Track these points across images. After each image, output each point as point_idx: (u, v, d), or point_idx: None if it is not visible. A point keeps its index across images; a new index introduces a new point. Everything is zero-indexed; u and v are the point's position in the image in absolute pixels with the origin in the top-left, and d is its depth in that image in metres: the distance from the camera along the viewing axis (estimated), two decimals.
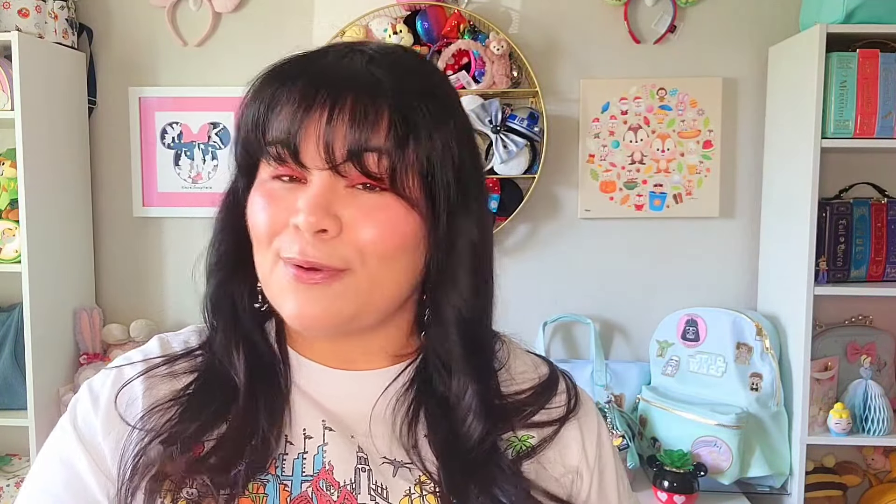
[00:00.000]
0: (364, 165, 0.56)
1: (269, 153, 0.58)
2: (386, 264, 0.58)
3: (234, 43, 2.22)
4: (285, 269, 0.58)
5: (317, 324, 0.58)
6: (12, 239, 1.98)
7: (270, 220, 0.58)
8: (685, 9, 2.15)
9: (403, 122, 0.56)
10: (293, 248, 0.57)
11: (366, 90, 0.56)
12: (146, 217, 2.25)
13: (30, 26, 2.00)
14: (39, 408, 1.98)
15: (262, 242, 0.60)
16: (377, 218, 0.57)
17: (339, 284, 0.57)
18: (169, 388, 0.64)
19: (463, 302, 0.63)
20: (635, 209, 2.18)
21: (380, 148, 0.56)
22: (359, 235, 0.57)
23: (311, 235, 0.56)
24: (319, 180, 0.57)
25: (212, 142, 2.22)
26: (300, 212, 0.56)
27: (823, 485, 2.09)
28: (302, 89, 0.57)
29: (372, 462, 0.62)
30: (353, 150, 0.56)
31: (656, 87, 2.15)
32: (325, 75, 0.58)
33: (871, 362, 1.98)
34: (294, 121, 0.56)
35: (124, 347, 2.18)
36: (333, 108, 0.56)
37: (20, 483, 2.09)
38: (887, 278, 1.99)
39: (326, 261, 0.57)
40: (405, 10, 2.13)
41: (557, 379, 0.71)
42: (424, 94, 0.59)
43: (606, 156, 2.17)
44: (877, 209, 1.99)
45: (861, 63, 1.83)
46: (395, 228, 0.58)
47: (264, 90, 0.60)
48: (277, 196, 0.59)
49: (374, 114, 0.56)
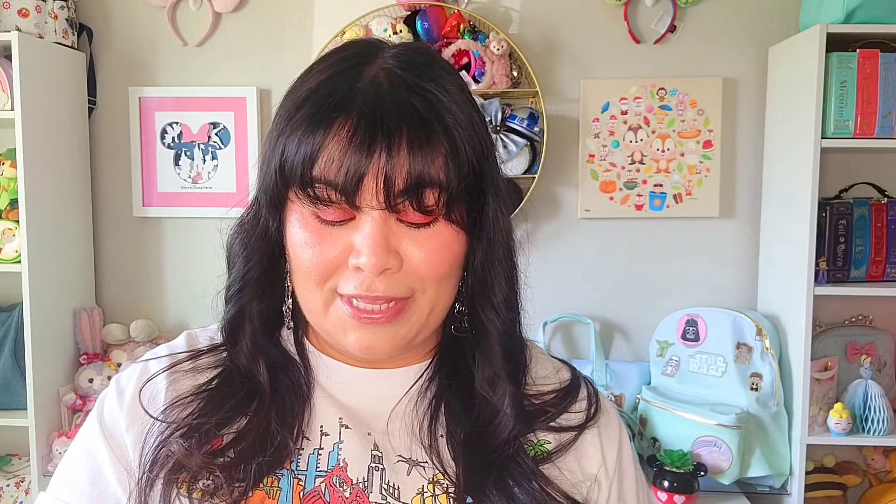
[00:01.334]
0: (423, 204, 0.56)
1: (316, 194, 0.56)
2: (441, 286, 0.60)
3: (234, 43, 2.22)
4: (344, 308, 0.58)
5: (380, 352, 0.60)
6: (12, 239, 1.98)
7: (323, 260, 0.58)
8: (685, 9, 2.15)
9: (456, 154, 0.56)
10: (355, 286, 0.57)
11: (420, 125, 0.55)
12: (146, 217, 2.25)
13: (30, 26, 2.00)
14: (39, 408, 1.98)
15: (314, 281, 0.59)
16: (431, 246, 0.58)
17: (398, 318, 0.59)
18: (192, 383, 0.65)
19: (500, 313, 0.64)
20: (635, 209, 2.18)
21: (440, 183, 0.56)
22: (418, 266, 0.58)
23: (375, 273, 0.56)
24: (376, 220, 0.56)
25: (212, 142, 2.22)
26: (360, 253, 0.56)
27: (823, 485, 2.09)
28: (356, 125, 0.55)
29: (386, 460, 0.63)
30: (411, 187, 0.55)
31: (656, 87, 2.15)
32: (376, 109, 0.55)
33: (871, 362, 1.98)
34: (351, 164, 0.54)
35: (124, 347, 2.18)
36: (391, 147, 0.54)
37: (20, 483, 2.09)
38: (887, 278, 1.99)
39: (394, 292, 0.57)
40: (405, 10, 2.13)
41: (579, 385, 0.70)
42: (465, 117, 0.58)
43: (606, 156, 2.17)
44: (877, 209, 1.99)
45: (861, 63, 1.83)
46: (448, 253, 0.59)
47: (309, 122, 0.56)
48: (325, 234, 0.57)
49: (431, 150, 0.55)
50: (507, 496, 0.60)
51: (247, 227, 0.65)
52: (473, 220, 0.61)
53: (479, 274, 0.63)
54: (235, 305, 0.66)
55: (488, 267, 0.63)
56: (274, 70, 2.21)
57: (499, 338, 0.64)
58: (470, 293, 0.64)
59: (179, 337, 0.71)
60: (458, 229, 0.59)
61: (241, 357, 0.65)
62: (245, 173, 2.21)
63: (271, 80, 2.21)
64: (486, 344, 0.65)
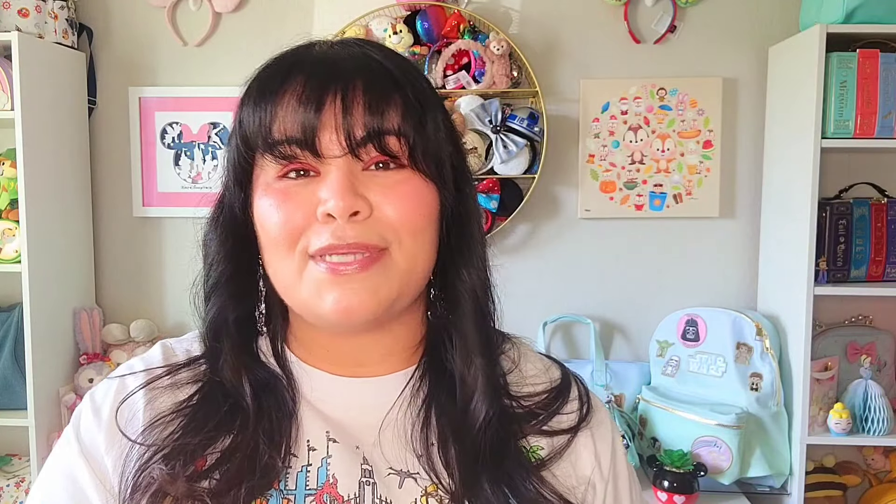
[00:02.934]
0: (385, 146, 0.57)
1: (278, 152, 0.57)
2: (418, 239, 0.59)
3: (234, 43, 2.22)
4: (318, 267, 0.57)
5: (360, 313, 0.57)
6: (12, 239, 1.98)
7: (290, 218, 0.57)
8: (685, 9, 2.15)
9: (417, 103, 0.58)
10: (325, 238, 0.56)
11: (375, 74, 0.58)
12: (146, 217, 2.25)
13: (30, 26, 2.00)
14: (39, 408, 1.98)
15: (284, 244, 0.58)
16: (401, 192, 0.58)
17: (376, 268, 0.57)
18: (171, 400, 0.62)
19: (476, 275, 0.64)
20: (635, 209, 2.18)
21: (398, 129, 0.57)
22: (388, 212, 0.57)
23: (344, 220, 0.55)
24: (340, 166, 0.56)
25: (212, 142, 2.22)
26: (328, 199, 0.55)
27: (823, 485, 2.09)
28: (308, 81, 0.57)
29: (377, 474, 0.61)
30: (372, 132, 0.56)
31: (656, 87, 2.15)
32: (328, 64, 0.58)
33: (872, 362, 1.98)
34: (307, 115, 0.56)
35: (124, 347, 2.18)
36: (346, 96, 0.56)
37: (20, 483, 2.09)
38: (887, 278, 1.99)
39: (367, 239, 0.56)
40: (405, 10, 2.13)
41: (570, 384, 0.69)
42: (420, 78, 0.62)
43: (606, 156, 2.17)
44: (877, 209, 1.99)
45: (861, 63, 1.83)
46: (419, 201, 0.59)
47: (263, 90, 0.59)
48: (291, 193, 0.57)
49: (388, 97, 0.57)
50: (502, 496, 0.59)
51: (215, 216, 0.65)
52: (443, 178, 0.61)
53: (453, 230, 0.63)
54: (215, 303, 0.64)
55: (463, 222, 0.63)
56: None
57: (472, 299, 0.63)
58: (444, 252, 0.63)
59: (154, 348, 0.69)
60: (429, 182, 0.59)
61: (224, 371, 0.63)
62: None
63: None
64: (460, 310, 0.64)
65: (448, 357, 0.64)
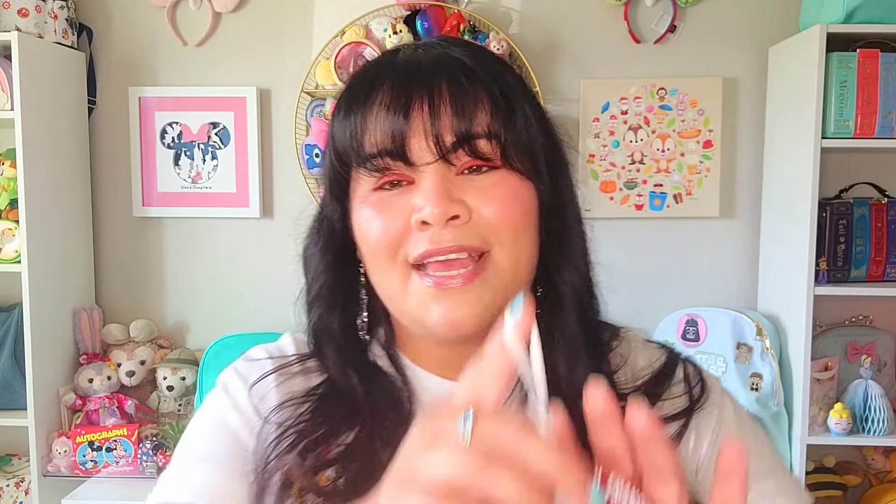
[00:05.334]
0: (476, 149, 0.56)
1: (371, 165, 0.57)
2: (519, 239, 0.58)
3: (234, 43, 2.22)
4: (422, 281, 0.57)
5: (467, 325, 0.56)
6: (12, 239, 1.98)
7: (388, 229, 0.56)
8: (685, 9, 2.15)
9: (504, 100, 0.57)
10: (423, 245, 0.55)
11: (459, 76, 0.57)
12: (146, 217, 2.25)
13: (29, 26, 2.00)
14: (39, 408, 1.98)
15: (385, 255, 0.57)
16: (498, 194, 0.57)
17: (481, 278, 0.56)
18: (303, 385, 0.64)
19: (577, 273, 0.63)
20: (635, 209, 2.17)
21: (489, 131, 0.56)
22: (487, 214, 0.56)
23: (441, 226, 0.55)
24: (433, 173, 0.56)
25: (211, 142, 2.22)
26: (423, 207, 0.55)
27: (824, 485, 2.08)
28: (393, 89, 0.57)
29: None
30: (462, 136, 0.55)
31: (656, 86, 2.15)
32: (411, 69, 0.58)
33: (872, 362, 1.98)
34: (395, 122, 0.56)
35: (124, 347, 2.18)
36: (432, 99, 0.55)
37: (20, 483, 2.09)
38: (887, 278, 1.99)
39: (467, 241, 0.55)
40: (405, 10, 2.12)
41: (675, 366, 0.66)
42: (507, 71, 0.61)
43: (606, 156, 2.17)
44: (877, 209, 1.99)
45: (861, 63, 1.83)
46: (517, 200, 0.58)
47: (350, 102, 0.59)
48: (388, 202, 0.57)
49: (474, 98, 0.56)
50: None
51: (316, 229, 0.65)
52: (538, 173, 0.60)
53: (552, 225, 0.61)
54: (317, 313, 0.65)
55: (561, 216, 0.62)
56: (274, 70, 2.21)
57: (575, 299, 0.62)
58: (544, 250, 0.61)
59: (284, 338, 0.70)
60: (524, 179, 0.58)
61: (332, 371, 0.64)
62: (245, 173, 2.21)
63: (271, 80, 2.21)
64: (562, 310, 0.62)
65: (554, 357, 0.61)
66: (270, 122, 2.22)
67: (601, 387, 0.36)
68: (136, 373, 2.14)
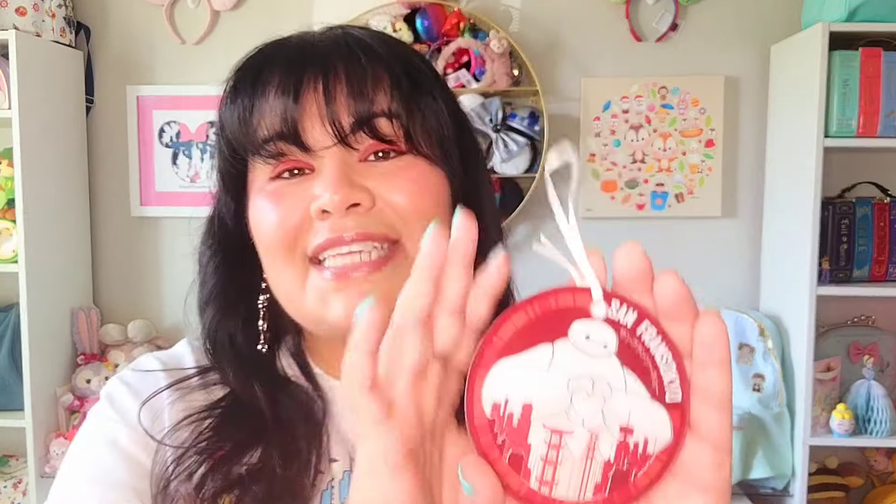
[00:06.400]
0: (377, 131, 0.53)
1: (265, 151, 0.53)
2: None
3: (233, 41, 2.21)
4: (321, 274, 0.52)
5: None
6: (9, 238, 1.97)
7: (285, 220, 0.52)
8: (687, 7, 2.14)
9: (407, 80, 0.54)
10: (323, 234, 0.51)
11: (357, 54, 0.53)
12: (144, 216, 2.24)
13: (27, 25, 1.98)
14: (37, 408, 1.97)
15: (281, 249, 0.53)
16: (405, 179, 0.53)
17: (389, 267, 0.52)
18: (204, 399, 0.58)
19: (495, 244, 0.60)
20: (636, 209, 2.16)
21: (389, 110, 0.53)
22: (393, 200, 0.52)
23: (342, 214, 0.51)
24: (332, 158, 0.52)
25: (210, 141, 2.21)
26: (321, 194, 0.51)
27: (826, 486, 2.07)
28: (285, 69, 0.53)
29: None
30: (361, 118, 0.52)
31: (658, 85, 2.14)
32: (305, 49, 0.54)
33: (874, 363, 1.97)
34: (287, 106, 0.52)
35: (122, 348, 2.17)
36: (328, 80, 0.52)
37: (17, 484, 2.08)
38: (890, 278, 1.98)
39: (372, 229, 0.51)
40: (405, 8, 2.11)
41: None
42: (412, 55, 0.57)
43: (607, 155, 2.16)
44: (879, 209, 1.98)
45: (864, 61, 1.82)
46: (427, 186, 0.54)
47: (241, 86, 0.55)
48: (285, 192, 0.53)
49: (374, 78, 0.53)
50: None
51: (208, 228, 0.61)
52: (449, 160, 0.56)
53: None
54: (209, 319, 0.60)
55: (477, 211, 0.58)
56: None
57: None
58: None
59: (180, 345, 0.65)
60: (434, 165, 0.55)
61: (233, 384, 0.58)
62: None
63: None
64: None
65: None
66: None
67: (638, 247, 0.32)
68: None
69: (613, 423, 0.32)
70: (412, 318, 0.34)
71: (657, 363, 0.32)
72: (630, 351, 0.32)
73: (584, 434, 0.32)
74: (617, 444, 0.32)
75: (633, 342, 0.32)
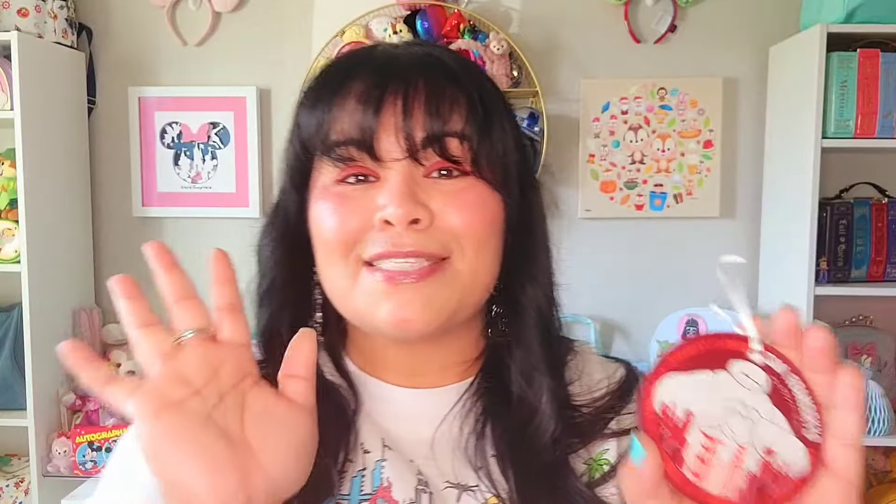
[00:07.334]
0: (446, 150, 0.54)
1: (335, 154, 0.55)
2: (481, 249, 0.56)
3: (234, 42, 2.22)
4: (373, 276, 0.54)
5: (417, 325, 0.54)
6: (12, 239, 1.98)
7: (346, 224, 0.54)
8: (685, 8, 2.15)
9: (482, 107, 0.55)
10: (382, 245, 0.53)
11: (438, 75, 0.55)
12: (146, 217, 2.25)
13: (29, 26, 1.99)
14: (39, 408, 1.98)
15: (338, 251, 0.55)
16: (465, 201, 0.55)
17: (436, 277, 0.54)
18: None
19: (540, 290, 0.61)
20: (635, 209, 2.17)
21: (462, 132, 0.54)
22: (451, 221, 0.54)
23: (403, 228, 0.52)
24: (400, 170, 0.53)
25: (211, 142, 2.22)
26: (386, 206, 0.52)
27: None
28: (368, 81, 0.55)
29: (433, 486, 0.58)
30: (434, 135, 0.54)
31: (657, 86, 2.15)
32: (389, 64, 0.56)
33: (872, 362, 1.98)
34: (366, 116, 0.53)
35: (124, 347, 2.17)
36: (408, 95, 0.54)
37: (19, 483, 2.09)
38: (888, 278, 1.99)
39: (427, 247, 0.53)
40: (405, 10, 2.12)
41: (634, 382, 0.64)
42: (487, 82, 0.59)
43: (607, 155, 2.17)
44: (877, 209, 1.99)
45: (861, 63, 1.83)
46: (483, 210, 0.56)
47: (323, 91, 0.57)
48: (349, 197, 0.55)
49: (451, 99, 0.54)
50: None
51: (271, 221, 0.63)
52: (508, 186, 0.58)
53: (517, 241, 0.60)
54: (266, 310, 0.61)
55: (528, 233, 0.61)
56: (274, 70, 2.21)
57: (536, 316, 0.61)
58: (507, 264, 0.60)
59: None
60: (493, 190, 0.56)
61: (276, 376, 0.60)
62: (245, 173, 2.20)
63: (271, 80, 2.21)
64: (523, 326, 0.61)
65: (508, 372, 0.61)
66: (270, 122, 2.22)
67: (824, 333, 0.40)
68: (136, 373, 2.14)
69: (759, 444, 0.40)
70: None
71: (800, 408, 0.40)
72: (778, 394, 0.40)
73: (733, 446, 0.39)
74: (760, 462, 0.39)
75: (781, 388, 0.40)
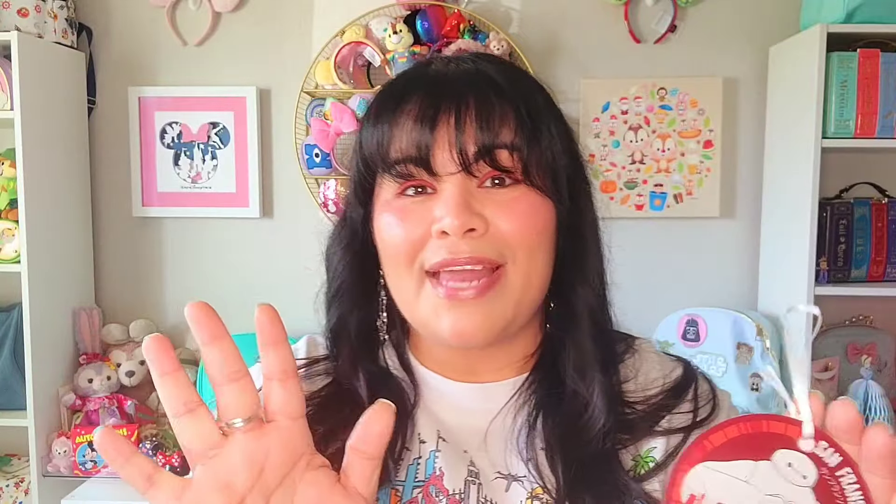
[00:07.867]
0: (497, 162, 0.58)
1: (395, 171, 0.59)
2: (533, 256, 0.59)
3: (234, 42, 2.22)
4: (434, 290, 0.58)
5: (476, 338, 0.58)
6: (12, 239, 1.98)
7: (408, 235, 0.58)
8: (685, 8, 2.15)
9: (529, 117, 0.59)
10: (441, 254, 0.57)
11: (487, 90, 0.59)
12: (145, 217, 2.25)
13: (29, 26, 1.99)
14: (39, 408, 1.98)
15: (403, 261, 0.59)
16: (516, 209, 0.58)
17: (493, 292, 0.58)
18: (306, 389, 0.64)
19: (592, 290, 0.65)
20: (635, 209, 2.17)
21: (511, 144, 0.58)
22: (504, 228, 0.58)
23: (459, 237, 0.56)
24: (455, 183, 0.57)
25: (211, 142, 2.22)
26: (443, 217, 0.56)
27: None
28: (422, 100, 0.59)
29: (483, 477, 0.61)
30: (485, 148, 0.57)
31: (657, 86, 2.15)
32: (441, 83, 0.60)
33: (872, 363, 1.98)
34: (422, 134, 0.58)
35: (124, 348, 2.18)
36: (459, 111, 0.57)
37: (20, 483, 2.09)
38: (888, 278, 1.98)
39: (483, 253, 0.57)
40: (405, 10, 2.12)
41: (691, 382, 0.65)
42: (536, 90, 0.63)
43: (607, 155, 2.17)
44: (877, 209, 1.98)
45: (861, 63, 1.83)
46: (535, 217, 0.59)
47: (380, 111, 0.61)
48: (410, 210, 0.59)
49: (500, 112, 0.58)
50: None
51: (338, 234, 0.67)
52: (558, 192, 0.61)
53: (569, 244, 0.63)
54: (336, 311, 0.66)
55: (578, 235, 0.64)
56: (273, 70, 2.20)
57: (588, 315, 0.64)
58: (560, 266, 0.63)
59: (300, 341, 0.71)
60: (544, 197, 0.60)
61: (342, 370, 0.65)
62: (245, 173, 2.20)
63: (271, 80, 2.21)
64: (576, 325, 0.64)
65: (563, 369, 0.64)
66: (270, 122, 2.22)
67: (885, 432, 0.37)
68: (135, 373, 2.14)
69: None
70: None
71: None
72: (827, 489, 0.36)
73: None
74: None
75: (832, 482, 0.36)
